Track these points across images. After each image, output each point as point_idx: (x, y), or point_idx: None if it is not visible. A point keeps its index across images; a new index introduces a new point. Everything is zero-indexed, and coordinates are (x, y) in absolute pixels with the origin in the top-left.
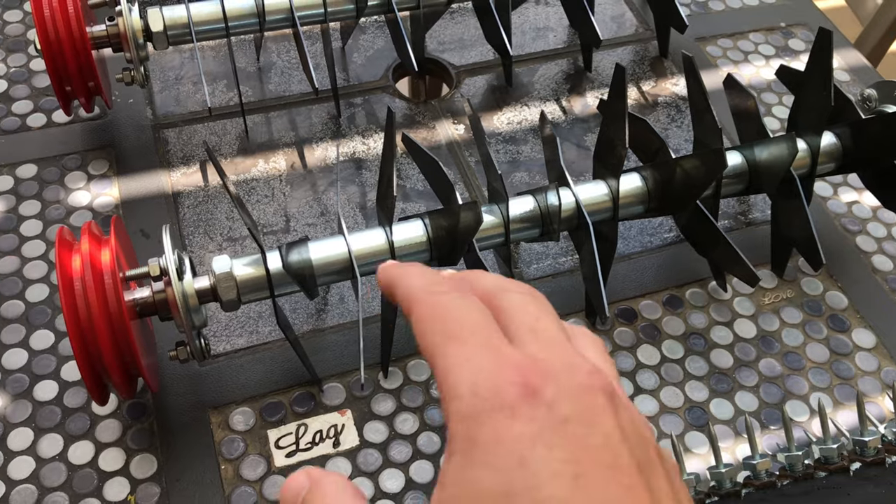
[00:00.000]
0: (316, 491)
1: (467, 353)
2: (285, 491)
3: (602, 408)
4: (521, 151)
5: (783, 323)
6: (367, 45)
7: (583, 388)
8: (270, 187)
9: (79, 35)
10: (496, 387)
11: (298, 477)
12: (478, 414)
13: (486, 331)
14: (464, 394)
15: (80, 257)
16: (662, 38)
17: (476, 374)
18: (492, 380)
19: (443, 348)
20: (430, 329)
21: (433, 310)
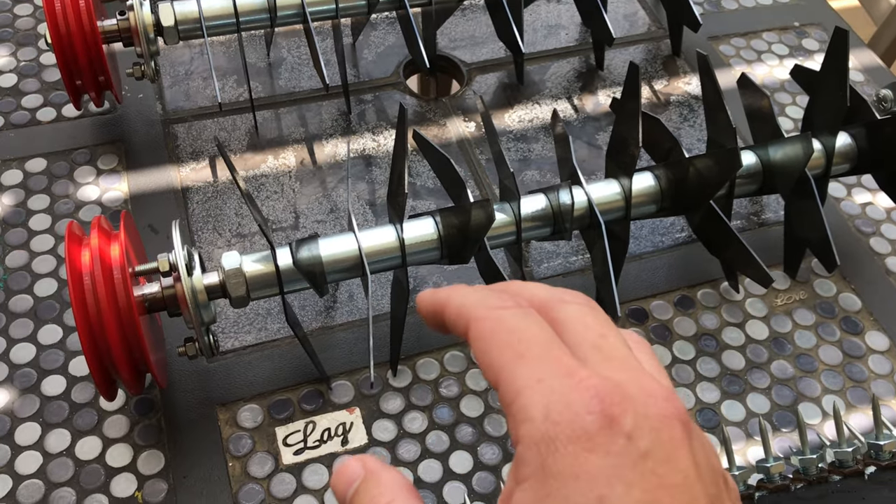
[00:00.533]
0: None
1: (538, 374)
2: (338, 478)
3: (679, 441)
4: (533, 150)
5: (796, 324)
6: (377, 42)
7: (660, 419)
8: (280, 183)
9: (89, 29)
10: (572, 413)
11: (352, 465)
12: (552, 441)
13: (555, 349)
14: (536, 417)
15: (89, 252)
16: (675, 37)
17: (549, 396)
18: (567, 405)
19: (510, 368)
20: (495, 347)
21: (496, 326)
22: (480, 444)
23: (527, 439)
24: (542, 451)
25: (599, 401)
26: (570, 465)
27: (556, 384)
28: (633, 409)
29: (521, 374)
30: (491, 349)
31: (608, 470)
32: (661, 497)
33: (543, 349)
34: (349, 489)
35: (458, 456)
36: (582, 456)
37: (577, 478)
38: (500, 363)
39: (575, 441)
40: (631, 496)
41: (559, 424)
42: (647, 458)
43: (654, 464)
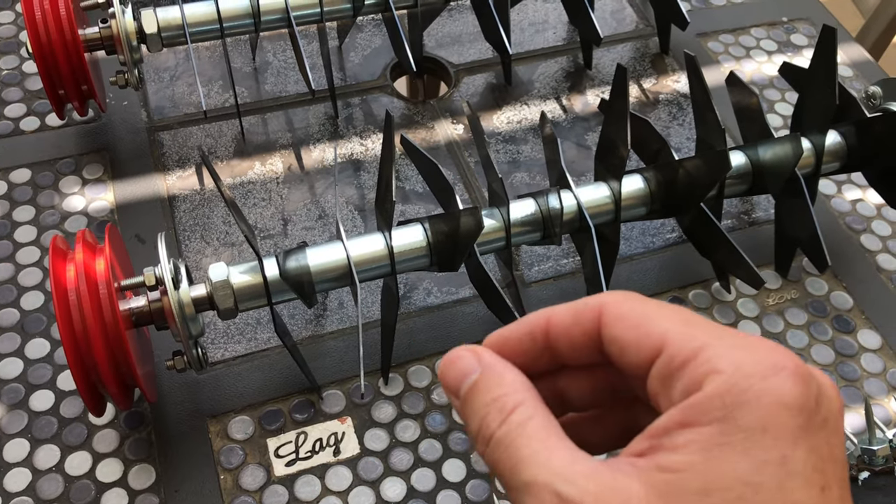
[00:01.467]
0: (492, 378)
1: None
2: (449, 368)
3: (841, 418)
4: (522, 151)
5: (788, 324)
6: (364, 44)
7: (836, 393)
8: (267, 190)
9: (71, 38)
10: (764, 368)
11: (466, 357)
12: (744, 392)
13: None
14: (725, 369)
15: (74, 267)
16: (663, 35)
17: (735, 351)
18: (757, 361)
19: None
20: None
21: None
22: (473, 451)
23: (710, 389)
24: (728, 402)
25: (793, 364)
26: (760, 419)
27: (739, 342)
28: (817, 379)
29: (698, 333)
30: (648, 318)
31: (795, 430)
32: (828, 468)
33: (709, 323)
34: (464, 382)
35: (452, 464)
36: (775, 411)
37: (764, 431)
38: (664, 327)
39: (769, 395)
40: (809, 460)
41: (752, 377)
42: (826, 426)
43: (829, 434)
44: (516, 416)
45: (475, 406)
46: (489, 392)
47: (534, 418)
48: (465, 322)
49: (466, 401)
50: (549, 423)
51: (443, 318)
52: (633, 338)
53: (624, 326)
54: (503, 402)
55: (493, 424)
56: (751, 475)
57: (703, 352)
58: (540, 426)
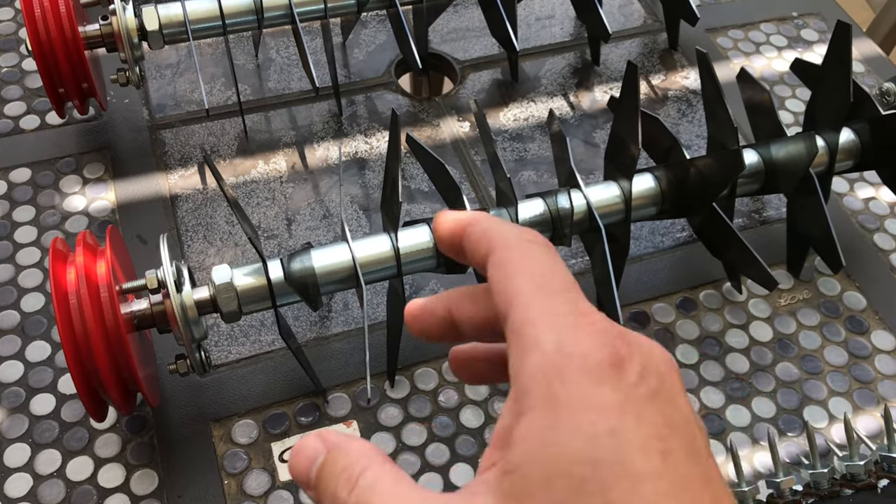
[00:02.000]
0: (339, 453)
1: (555, 308)
2: (297, 459)
3: (679, 388)
4: (529, 149)
5: (800, 325)
6: (368, 40)
7: (665, 366)
8: (271, 189)
9: (71, 36)
10: (584, 347)
11: (311, 442)
12: (562, 372)
13: (574, 290)
14: (547, 349)
15: (74, 270)
16: (672, 31)
17: (562, 330)
18: (579, 340)
19: (528, 297)
20: (517, 274)
21: (523, 255)
22: (482, 455)
23: (534, 369)
24: (551, 380)
25: (611, 341)
26: (582, 396)
27: (571, 320)
28: (640, 353)
29: (538, 305)
30: (513, 276)
31: (620, 403)
32: (668, 434)
33: (563, 287)
34: (312, 467)
35: (459, 468)
36: (594, 388)
37: (587, 407)
38: (518, 290)
39: (587, 373)
40: (641, 430)
41: (571, 357)
42: (655, 397)
43: (661, 404)
44: (364, 479)
45: (324, 484)
46: (336, 465)
47: (381, 477)
48: None
49: (317, 483)
50: (399, 476)
51: None
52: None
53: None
54: (350, 470)
55: (344, 493)
56: (584, 451)
57: (531, 326)
58: (389, 481)
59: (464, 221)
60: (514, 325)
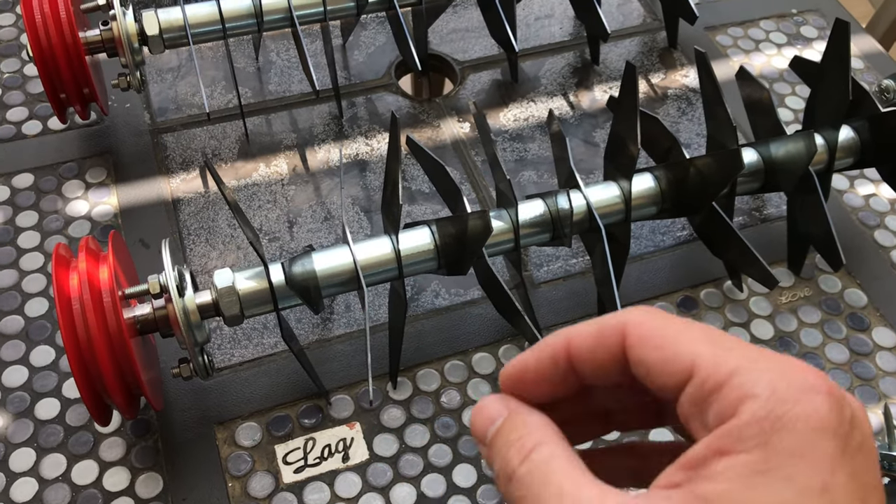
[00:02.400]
0: (516, 421)
1: (747, 354)
2: (479, 415)
3: (873, 441)
4: (529, 149)
5: (801, 322)
6: (368, 42)
7: (863, 416)
8: (272, 192)
9: (71, 41)
10: (800, 391)
11: (494, 404)
12: (780, 418)
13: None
14: (761, 394)
15: (77, 276)
16: (671, 29)
17: (769, 374)
18: (791, 384)
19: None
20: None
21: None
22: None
23: (747, 414)
24: (766, 428)
25: (827, 387)
26: (798, 445)
27: (771, 364)
28: (848, 402)
29: (729, 356)
30: (675, 340)
31: (833, 457)
32: (867, 496)
33: (736, 342)
34: (490, 427)
35: (462, 469)
36: (812, 437)
37: (803, 457)
38: (693, 350)
39: (805, 421)
40: (849, 487)
41: (787, 402)
42: (860, 452)
43: (864, 460)
44: (537, 454)
45: (498, 447)
46: (512, 433)
47: (556, 455)
48: (474, 324)
49: (492, 444)
50: (574, 460)
51: (451, 320)
52: (659, 360)
53: (650, 347)
54: (524, 441)
55: (514, 462)
56: (792, 502)
57: (735, 376)
58: (564, 462)
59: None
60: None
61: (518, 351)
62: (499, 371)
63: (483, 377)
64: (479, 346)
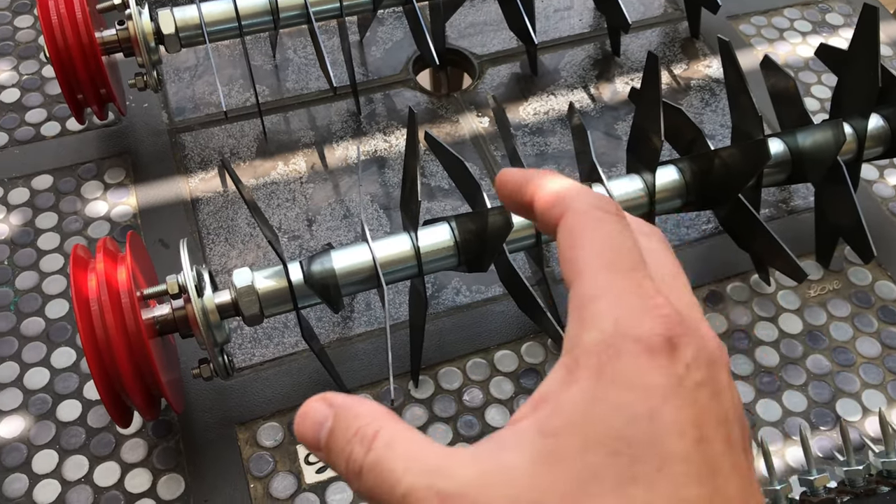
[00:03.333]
0: (347, 416)
1: (619, 287)
2: (303, 423)
3: (726, 383)
4: (550, 143)
5: (831, 316)
6: (385, 38)
7: (715, 358)
8: (291, 190)
9: (88, 41)
10: (641, 330)
11: (316, 406)
12: (616, 350)
13: (641, 270)
14: (605, 327)
15: (95, 277)
16: (693, 19)
17: (623, 310)
18: (638, 321)
19: (595, 271)
20: (588, 245)
21: (596, 225)
22: None
23: (589, 345)
24: (603, 359)
25: (668, 327)
26: (629, 376)
27: (634, 302)
28: (694, 343)
29: (604, 282)
30: (583, 246)
31: (664, 388)
32: (705, 423)
33: (631, 266)
34: (321, 432)
35: None
36: (642, 370)
37: (632, 388)
38: (586, 263)
39: (637, 355)
40: (680, 416)
41: (626, 337)
42: (700, 388)
43: (705, 395)
44: (380, 440)
45: (337, 448)
46: (348, 429)
47: (397, 436)
48: (496, 321)
49: (329, 448)
50: (415, 435)
51: (472, 318)
52: (564, 256)
53: (564, 240)
54: (363, 431)
55: (360, 455)
56: (622, 429)
57: (594, 303)
58: (406, 440)
59: (532, 180)
60: (577, 298)
61: (541, 348)
62: (521, 369)
63: (505, 375)
64: (501, 343)
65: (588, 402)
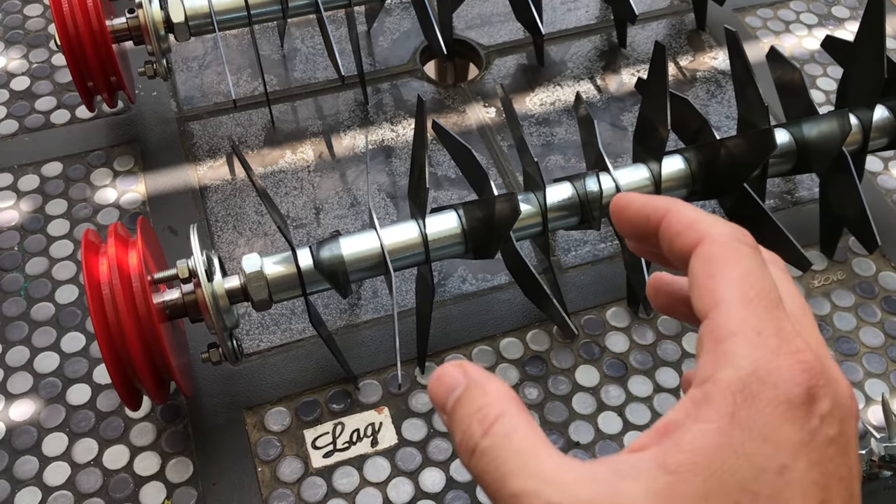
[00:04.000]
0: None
1: (760, 326)
2: (437, 384)
3: (853, 439)
4: (556, 133)
5: (835, 306)
6: (393, 28)
7: (846, 411)
8: (299, 179)
9: (98, 29)
10: (780, 378)
11: (452, 372)
12: (752, 397)
13: (780, 310)
14: (743, 367)
15: (106, 261)
16: (699, 11)
17: (762, 352)
18: (777, 368)
19: (733, 305)
20: (727, 277)
21: (735, 256)
22: None
23: (724, 384)
24: (738, 401)
25: (809, 376)
26: (763, 425)
27: (773, 343)
28: (831, 395)
29: (742, 317)
30: (722, 276)
31: (797, 443)
32: (833, 485)
33: (772, 305)
34: (450, 396)
35: None
36: (778, 421)
37: (765, 440)
38: (726, 294)
39: (775, 405)
40: (810, 475)
41: (765, 384)
42: (831, 445)
43: (834, 453)
44: (499, 426)
45: (458, 419)
46: (472, 403)
47: (518, 428)
48: (501, 309)
49: (452, 414)
50: (535, 432)
51: (478, 306)
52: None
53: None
54: (485, 412)
55: (476, 435)
56: (748, 482)
57: (732, 340)
58: (525, 435)
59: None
60: (714, 331)
61: (546, 336)
62: (526, 356)
63: (511, 362)
64: (506, 331)
65: (716, 445)
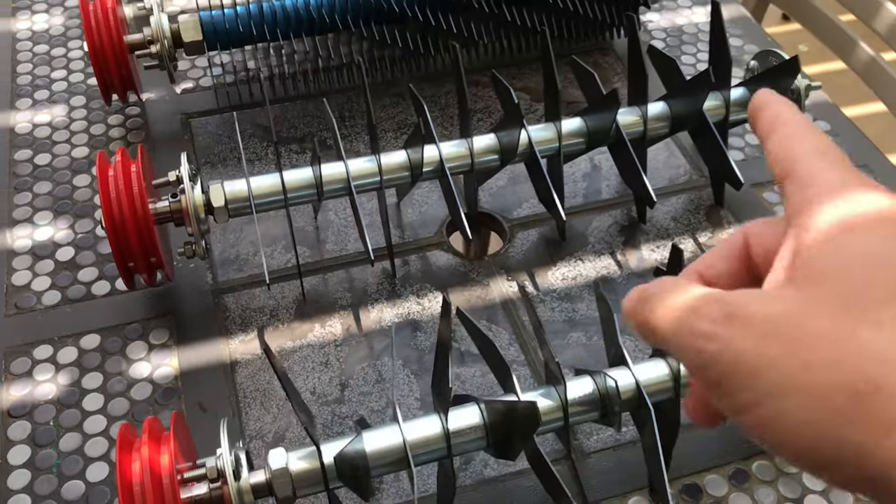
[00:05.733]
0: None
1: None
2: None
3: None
4: (577, 309)
5: (857, 499)
6: (421, 200)
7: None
8: (325, 353)
9: (142, 215)
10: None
11: None
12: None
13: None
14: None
15: (139, 462)
16: (717, 189)
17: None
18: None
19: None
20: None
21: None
22: None
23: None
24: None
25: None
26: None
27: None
28: None
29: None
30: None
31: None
32: None
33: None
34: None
35: None
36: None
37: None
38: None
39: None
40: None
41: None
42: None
43: None
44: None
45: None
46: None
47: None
48: (524, 496)
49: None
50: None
51: (500, 492)
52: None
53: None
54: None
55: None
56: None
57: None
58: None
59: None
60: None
61: None
62: None
63: None
64: None
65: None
